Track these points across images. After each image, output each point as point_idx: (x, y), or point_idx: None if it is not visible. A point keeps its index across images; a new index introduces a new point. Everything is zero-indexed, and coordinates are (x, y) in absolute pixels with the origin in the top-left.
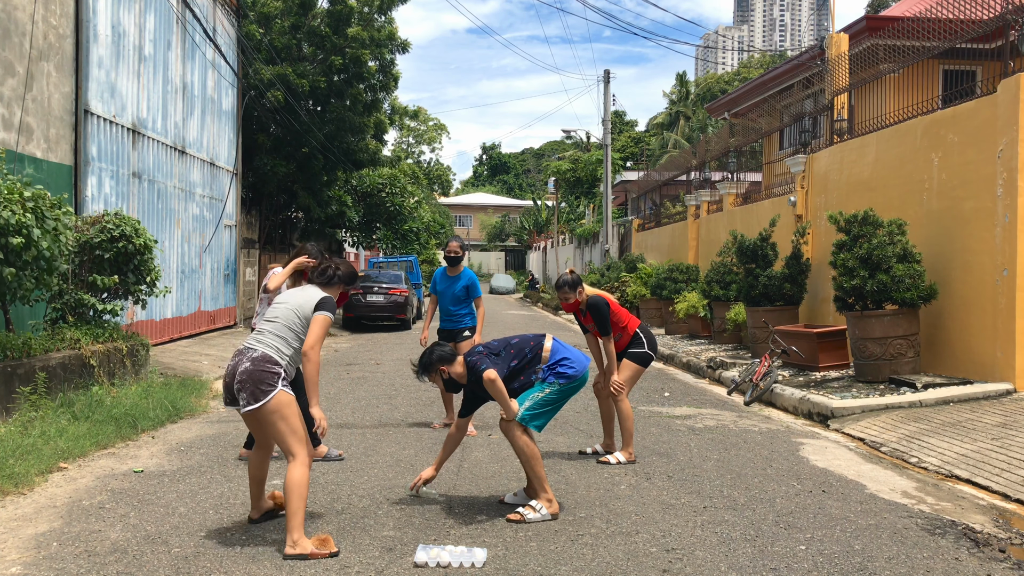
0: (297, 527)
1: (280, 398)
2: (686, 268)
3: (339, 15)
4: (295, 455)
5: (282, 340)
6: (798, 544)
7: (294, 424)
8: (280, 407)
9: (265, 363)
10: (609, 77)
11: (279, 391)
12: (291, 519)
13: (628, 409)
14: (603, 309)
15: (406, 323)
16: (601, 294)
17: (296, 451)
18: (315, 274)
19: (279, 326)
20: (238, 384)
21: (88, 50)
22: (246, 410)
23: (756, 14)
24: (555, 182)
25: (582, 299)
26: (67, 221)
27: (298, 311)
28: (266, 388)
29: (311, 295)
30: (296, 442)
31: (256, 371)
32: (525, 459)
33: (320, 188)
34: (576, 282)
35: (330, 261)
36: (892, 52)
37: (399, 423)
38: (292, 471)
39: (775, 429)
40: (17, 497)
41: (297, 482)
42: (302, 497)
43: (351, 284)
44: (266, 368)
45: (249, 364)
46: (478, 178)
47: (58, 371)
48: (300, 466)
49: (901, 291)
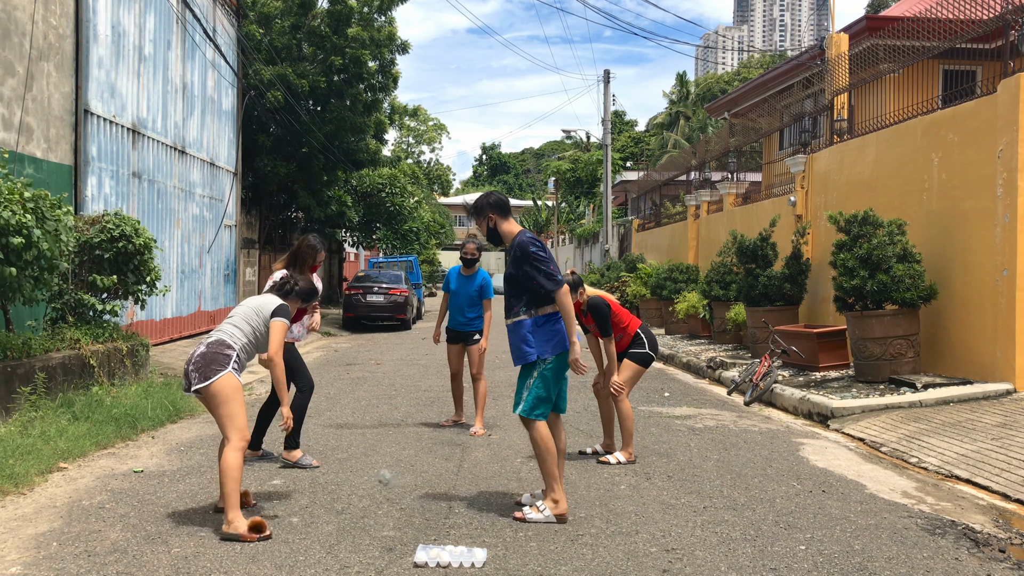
0: (231, 507)
1: (227, 380)
2: (686, 268)
3: (339, 15)
4: (230, 440)
5: (237, 330)
6: (798, 544)
7: (234, 409)
8: (224, 389)
9: (218, 346)
10: (609, 77)
11: (228, 372)
12: (226, 500)
13: (628, 409)
14: (604, 310)
15: (406, 323)
16: (602, 295)
17: (231, 436)
18: (274, 287)
19: (236, 319)
20: (192, 366)
21: (88, 50)
22: (194, 388)
23: (756, 14)
24: (555, 182)
25: (583, 300)
26: (67, 221)
27: (257, 311)
28: (217, 368)
29: (270, 300)
30: (233, 428)
31: (209, 353)
32: (537, 452)
33: (320, 188)
34: (577, 283)
35: (291, 276)
36: (892, 52)
37: (399, 423)
38: (226, 455)
39: (775, 429)
40: (17, 497)
41: (230, 465)
42: (235, 480)
43: (307, 301)
44: (218, 351)
45: (204, 348)
46: (478, 178)
47: (58, 371)
48: (233, 451)
49: (901, 291)
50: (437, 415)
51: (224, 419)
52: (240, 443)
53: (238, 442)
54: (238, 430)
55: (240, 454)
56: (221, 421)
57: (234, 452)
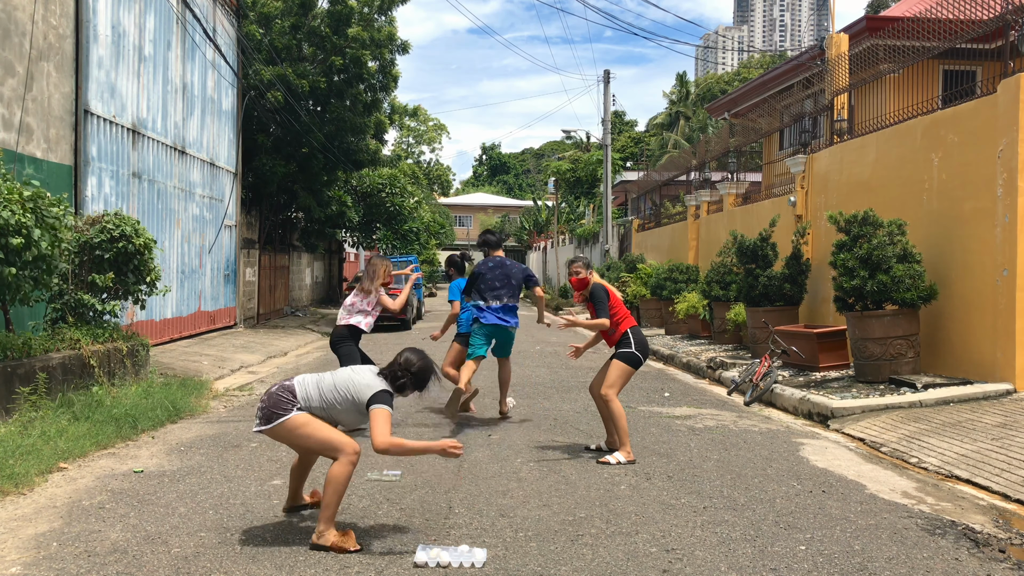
0: (327, 519)
1: (293, 420)
2: (686, 268)
3: (339, 15)
4: (336, 455)
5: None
6: (798, 544)
7: (320, 431)
8: (296, 427)
9: (285, 391)
10: (609, 77)
11: (292, 415)
12: (324, 511)
13: (619, 409)
14: (599, 292)
15: (406, 323)
16: (606, 284)
17: (335, 452)
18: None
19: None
20: (260, 403)
21: (88, 50)
22: (255, 430)
23: (756, 14)
24: (555, 182)
25: (591, 279)
26: (67, 221)
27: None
28: (280, 412)
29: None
30: (332, 445)
31: (275, 394)
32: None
33: (320, 188)
34: (589, 263)
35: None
36: (892, 52)
37: (399, 423)
38: (334, 466)
39: (775, 429)
40: (17, 497)
41: (335, 476)
42: (337, 492)
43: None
44: (282, 396)
45: (275, 388)
46: (478, 178)
47: (58, 371)
48: (341, 464)
49: (901, 291)
50: (437, 415)
51: (319, 443)
52: (352, 455)
53: (349, 455)
54: (341, 443)
55: (351, 467)
56: (317, 447)
57: (343, 465)
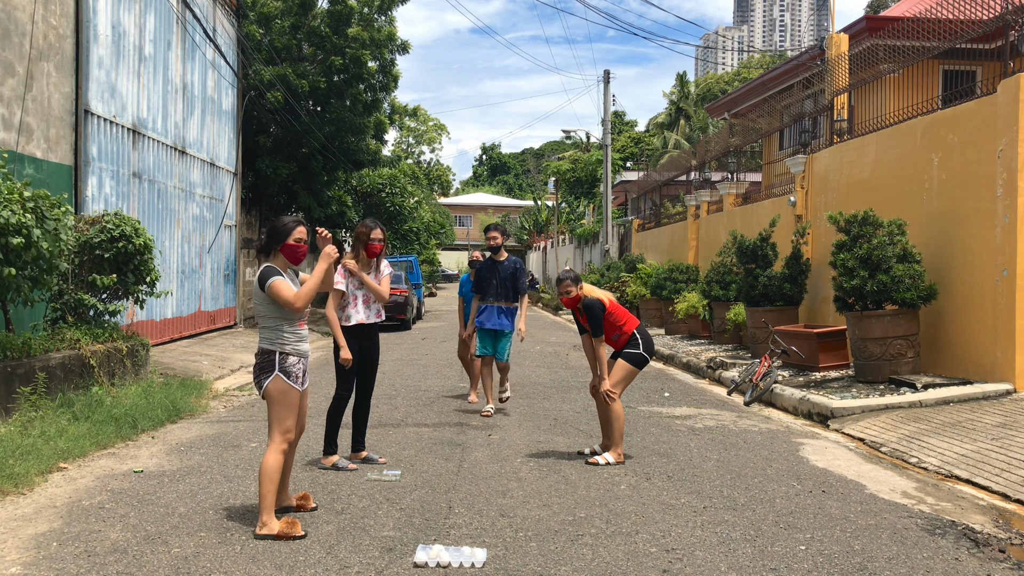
0: (266, 509)
1: (274, 385)
2: (686, 268)
3: (339, 15)
4: (271, 440)
5: (263, 328)
6: (798, 544)
7: (279, 413)
8: (271, 394)
9: (260, 356)
10: (609, 77)
11: (273, 377)
12: (260, 501)
13: (619, 409)
14: (597, 311)
15: (406, 323)
16: (601, 296)
17: (273, 437)
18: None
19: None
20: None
21: (88, 50)
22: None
23: (756, 14)
24: (555, 182)
25: (582, 295)
26: (67, 221)
27: (256, 299)
28: (262, 377)
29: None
30: (276, 430)
31: (256, 365)
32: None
33: (320, 188)
34: (577, 277)
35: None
36: (892, 52)
37: (399, 423)
38: (266, 456)
39: (775, 429)
40: (17, 497)
41: (267, 467)
42: (272, 481)
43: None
44: (261, 359)
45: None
46: (478, 178)
47: (58, 371)
48: (272, 452)
49: (901, 291)
50: (437, 415)
51: (270, 419)
52: (282, 444)
53: (279, 444)
54: (281, 432)
55: (281, 456)
56: (269, 420)
57: (274, 454)
